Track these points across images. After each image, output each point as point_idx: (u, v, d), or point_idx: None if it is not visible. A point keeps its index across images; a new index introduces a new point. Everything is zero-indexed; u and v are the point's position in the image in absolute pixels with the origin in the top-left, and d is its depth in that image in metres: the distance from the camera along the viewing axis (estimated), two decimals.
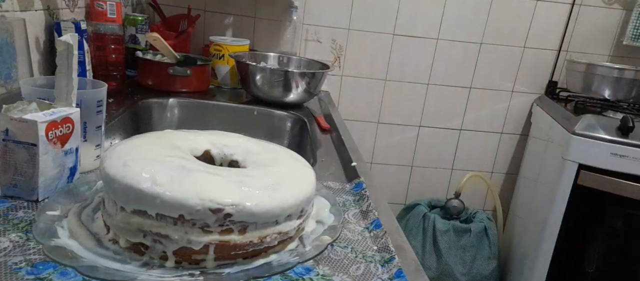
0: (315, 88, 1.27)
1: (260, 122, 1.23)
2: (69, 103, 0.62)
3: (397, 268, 0.54)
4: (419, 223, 1.71)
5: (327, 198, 0.67)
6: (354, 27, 1.68)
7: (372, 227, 0.63)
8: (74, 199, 0.59)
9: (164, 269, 0.49)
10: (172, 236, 0.48)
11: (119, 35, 1.11)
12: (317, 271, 0.52)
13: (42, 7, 0.97)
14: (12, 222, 0.53)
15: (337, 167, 0.86)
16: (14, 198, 0.58)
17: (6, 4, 0.85)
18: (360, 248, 0.58)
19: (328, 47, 1.70)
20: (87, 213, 0.57)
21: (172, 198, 0.47)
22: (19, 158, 0.57)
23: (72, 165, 0.63)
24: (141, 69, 1.26)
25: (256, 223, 0.50)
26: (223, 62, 1.38)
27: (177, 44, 1.40)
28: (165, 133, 0.64)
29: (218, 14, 1.63)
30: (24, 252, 0.48)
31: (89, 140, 0.69)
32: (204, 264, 0.50)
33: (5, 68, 0.83)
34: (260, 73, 1.23)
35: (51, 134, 0.58)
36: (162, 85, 1.23)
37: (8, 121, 0.56)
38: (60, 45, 0.60)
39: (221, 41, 1.38)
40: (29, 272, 0.45)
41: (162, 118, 1.19)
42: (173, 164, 0.51)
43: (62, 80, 0.61)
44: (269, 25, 1.65)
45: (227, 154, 0.63)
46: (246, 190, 0.50)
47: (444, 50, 1.73)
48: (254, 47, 1.62)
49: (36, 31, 0.96)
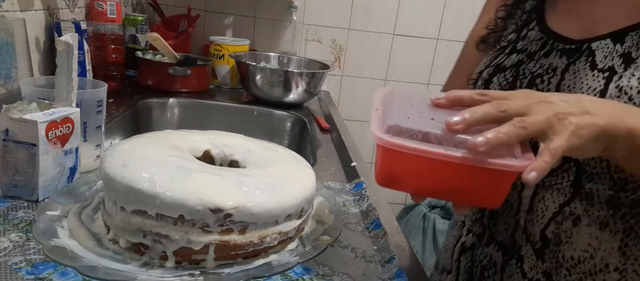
0: (315, 88, 1.27)
1: (260, 122, 1.23)
2: (69, 103, 0.62)
3: (397, 268, 0.54)
4: (419, 223, 1.71)
5: (327, 198, 0.67)
6: (354, 27, 1.68)
7: (372, 227, 0.63)
8: (74, 199, 0.59)
9: (164, 269, 0.49)
10: (172, 236, 0.48)
11: (119, 35, 1.11)
12: (317, 271, 0.52)
13: (42, 7, 0.97)
14: (12, 222, 0.53)
15: (337, 167, 0.86)
16: (14, 198, 0.58)
17: (6, 4, 0.85)
18: (360, 248, 0.58)
19: (328, 47, 1.70)
20: (87, 213, 0.57)
21: (172, 198, 0.47)
22: (19, 158, 0.57)
23: (72, 165, 0.63)
24: (141, 68, 1.26)
25: (256, 223, 0.50)
26: (223, 62, 1.38)
27: (177, 44, 1.40)
28: (165, 133, 0.64)
29: (218, 14, 1.63)
30: (24, 252, 0.48)
31: (89, 140, 0.69)
32: (204, 264, 0.50)
33: (5, 68, 0.83)
34: (260, 73, 1.23)
35: (51, 134, 0.58)
36: (162, 85, 1.23)
37: (8, 121, 0.56)
38: (60, 45, 0.60)
39: (221, 41, 1.38)
40: (29, 272, 0.45)
41: (162, 118, 1.19)
42: (173, 164, 0.51)
43: (62, 80, 0.61)
44: (269, 25, 1.65)
45: (227, 154, 0.63)
46: (246, 190, 0.50)
47: (444, 50, 1.73)
48: (254, 47, 1.62)
49: (36, 31, 0.96)
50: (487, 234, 0.67)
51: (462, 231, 0.72)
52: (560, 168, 0.57)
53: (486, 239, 0.67)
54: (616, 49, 0.56)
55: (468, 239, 0.70)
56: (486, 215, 0.66)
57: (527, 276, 0.61)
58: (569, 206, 0.57)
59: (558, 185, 0.57)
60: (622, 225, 0.56)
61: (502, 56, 0.67)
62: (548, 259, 0.60)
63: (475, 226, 0.69)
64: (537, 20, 0.66)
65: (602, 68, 0.56)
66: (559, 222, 0.58)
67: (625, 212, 0.55)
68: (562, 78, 0.58)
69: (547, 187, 0.58)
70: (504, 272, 0.63)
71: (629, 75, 0.53)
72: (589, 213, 0.56)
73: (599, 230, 0.56)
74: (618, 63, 0.55)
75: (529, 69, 0.62)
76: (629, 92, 0.52)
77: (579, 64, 0.58)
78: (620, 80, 0.53)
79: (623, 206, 0.55)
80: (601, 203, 0.55)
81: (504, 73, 0.64)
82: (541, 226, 0.59)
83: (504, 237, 0.64)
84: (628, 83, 0.53)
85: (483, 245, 0.67)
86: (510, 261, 0.63)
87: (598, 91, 0.54)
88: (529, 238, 0.61)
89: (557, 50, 0.61)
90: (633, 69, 0.53)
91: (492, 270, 0.65)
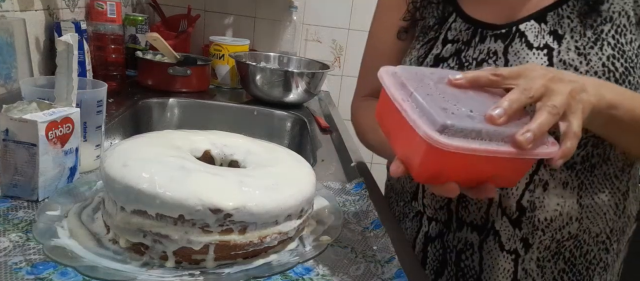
0: (315, 88, 1.27)
1: (260, 122, 1.23)
2: (69, 103, 0.62)
3: (397, 268, 0.54)
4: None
5: (327, 198, 0.67)
6: (354, 27, 1.68)
7: (372, 227, 0.63)
8: (74, 199, 0.59)
9: (164, 269, 0.49)
10: (172, 236, 0.48)
11: (119, 35, 1.11)
12: (317, 271, 0.52)
13: (42, 7, 0.97)
14: (12, 222, 0.53)
15: (337, 167, 0.86)
16: (14, 198, 0.58)
17: (6, 4, 0.85)
18: (360, 248, 0.58)
19: (328, 47, 1.70)
20: (87, 213, 0.57)
21: (172, 198, 0.47)
22: (19, 158, 0.57)
23: (72, 165, 0.63)
24: (141, 69, 1.26)
25: (256, 223, 0.50)
26: (223, 62, 1.38)
27: (177, 44, 1.40)
28: (165, 133, 0.64)
29: (218, 14, 1.63)
30: (24, 252, 0.48)
31: (89, 140, 0.69)
32: (204, 264, 0.50)
33: (5, 68, 0.83)
34: (260, 73, 1.23)
35: (51, 134, 0.58)
36: (162, 85, 1.23)
37: (8, 121, 0.56)
38: (60, 45, 0.60)
39: (221, 41, 1.38)
40: (29, 272, 0.45)
41: (162, 118, 1.19)
42: (173, 164, 0.51)
43: (62, 80, 0.61)
44: (269, 25, 1.65)
45: (227, 154, 0.63)
46: (246, 190, 0.50)
47: None
48: (254, 47, 1.62)
49: (36, 31, 0.96)
50: (454, 219, 0.70)
51: (421, 222, 0.74)
52: None
53: (456, 223, 0.70)
54: (543, 27, 0.63)
55: (432, 228, 0.72)
56: (453, 201, 0.69)
57: (505, 247, 0.67)
58: (537, 174, 0.64)
59: None
60: (577, 181, 0.65)
61: (435, 47, 0.70)
62: (525, 226, 0.66)
63: (440, 214, 0.71)
64: (455, 11, 0.71)
65: (538, 46, 0.62)
66: (532, 190, 0.65)
67: (578, 169, 0.64)
68: (507, 60, 0.64)
69: None
70: (482, 250, 0.68)
71: (565, 49, 0.61)
72: (554, 176, 0.64)
73: (563, 190, 0.65)
74: (550, 40, 0.62)
75: (470, 56, 0.67)
76: (573, 64, 0.60)
77: (516, 45, 0.64)
78: (560, 54, 0.61)
79: (576, 164, 0.64)
80: (562, 166, 0.60)
81: (447, 62, 0.68)
82: (517, 197, 0.65)
83: (475, 217, 0.68)
84: (568, 57, 0.60)
85: (454, 230, 0.70)
86: (487, 238, 0.68)
87: (545, 66, 0.57)
88: (505, 211, 0.66)
89: (490, 36, 0.66)
90: (566, 44, 0.61)
91: (469, 251, 0.69)
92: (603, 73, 0.59)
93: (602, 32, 0.60)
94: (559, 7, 0.63)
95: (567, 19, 0.62)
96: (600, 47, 0.60)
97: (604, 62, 0.59)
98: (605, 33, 0.60)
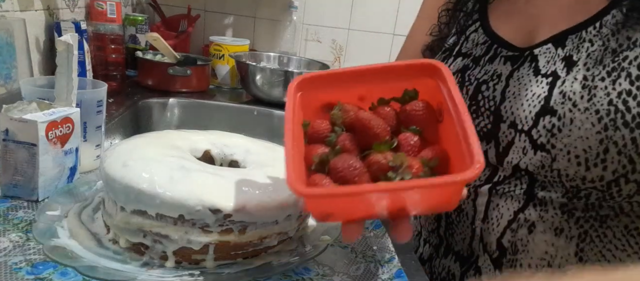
0: None
1: (260, 122, 1.23)
2: (69, 103, 0.62)
3: (397, 268, 0.54)
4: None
5: None
6: (354, 27, 1.68)
7: (372, 227, 0.63)
8: (74, 199, 0.59)
9: (164, 269, 0.49)
10: (172, 236, 0.48)
11: (119, 35, 1.11)
12: (317, 271, 0.52)
13: (42, 7, 0.97)
14: (12, 222, 0.53)
15: None
16: (14, 198, 0.58)
17: (6, 4, 0.85)
18: (360, 248, 0.58)
19: (328, 47, 1.70)
20: (87, 213, 0.57)
21: (172, 198, 0.47)
22: (19, 158, 0.57)
23: (72, 165, 0.63)
24: (141, 69, 1.26)
25: (256, 223, 0.50)
26: (223, 62, 1.38)
27: (177, 44, 1.40)
28: (165, 133, 0.64)
29: (218, 14, 1.63)
30: (24, 252, 0.48)
31: (89, 140, 0.69)
32: (204, 264, 0.50)
33: (5, 68, 0.83)
34: (260, 73, 1.23)
35: (51, 134, 0.58)
36: (162, 85, 1.23)
37: (8, 121, 0.56)
38: (60, 45, 0.60)
39: (221, 41, 1.38)
40: (29, 272, 0.45)
41: (162, 118, 1.19)
42: (173, 164, 0.51)
43: (62, 80, 0.61)
44: (269, 25, 1.65)
45: (227, 154, 0.63)
46: (246, 190, 0.50)
47: None
48: (254, 47, 1.62)
49: (36, 31, 0.96)
50: (443, 245, 0.66)
51: (419, 242, 0.72)
52: (512, 176, 0.57)
53: (443, 250, 0.66)
54: (558, 53, 0.56)
55: (425, 250, 0.69)
56: (442, 226, 0.65)
57: None
58: (523, 213, 0.56)
59: (511, 192, 0.57)
60: (577, 230, 0.54)
61: (447, 61, 0.67)
62: (506, 269, 0.58)
63: (432, 237, 0.68)
64: (480, 21, 0.67)
65: (545, 73, 0.56)
66: (515, 230, 0.57)
67: (580, 217, 0.54)
68: (507, 85, 0.59)
69: (501, 195, 0.58)
70: None
71: (571, 78, 0.53)
72: (544, 219, 0.55)
73: (555, 237, 0.55)
74: (560, 67, 0.55)
75: (474, 75, 0.62)
76: (573, 98, 0.52)
77: (523, 70, 0.58)
78: (564, 85, 0.53)
79: (577, 211, 0.54)
80: (555, 209, 0.54)
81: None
82: (497, 234, 0.58)
83: (461, 247, 0.63)
84: (571, 89, 0.53)
85: (441, 256, 0.66)
86: (468, 272, 0.62)
87: (542, 97, 0.54)
88: (486, 248, 0.60)
89: (502, 57, 0.61)
90: (575, 72, 0.53)
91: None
92: (607, 113, 0.50)
93: (626, 58, 0.51)
94: (585, 28, 0.55)
95: (587, 43, 0.54)
96: (614, 79, 0.50)
97: (613, 99, 0.50)
98: (628, 61, 0.50)
